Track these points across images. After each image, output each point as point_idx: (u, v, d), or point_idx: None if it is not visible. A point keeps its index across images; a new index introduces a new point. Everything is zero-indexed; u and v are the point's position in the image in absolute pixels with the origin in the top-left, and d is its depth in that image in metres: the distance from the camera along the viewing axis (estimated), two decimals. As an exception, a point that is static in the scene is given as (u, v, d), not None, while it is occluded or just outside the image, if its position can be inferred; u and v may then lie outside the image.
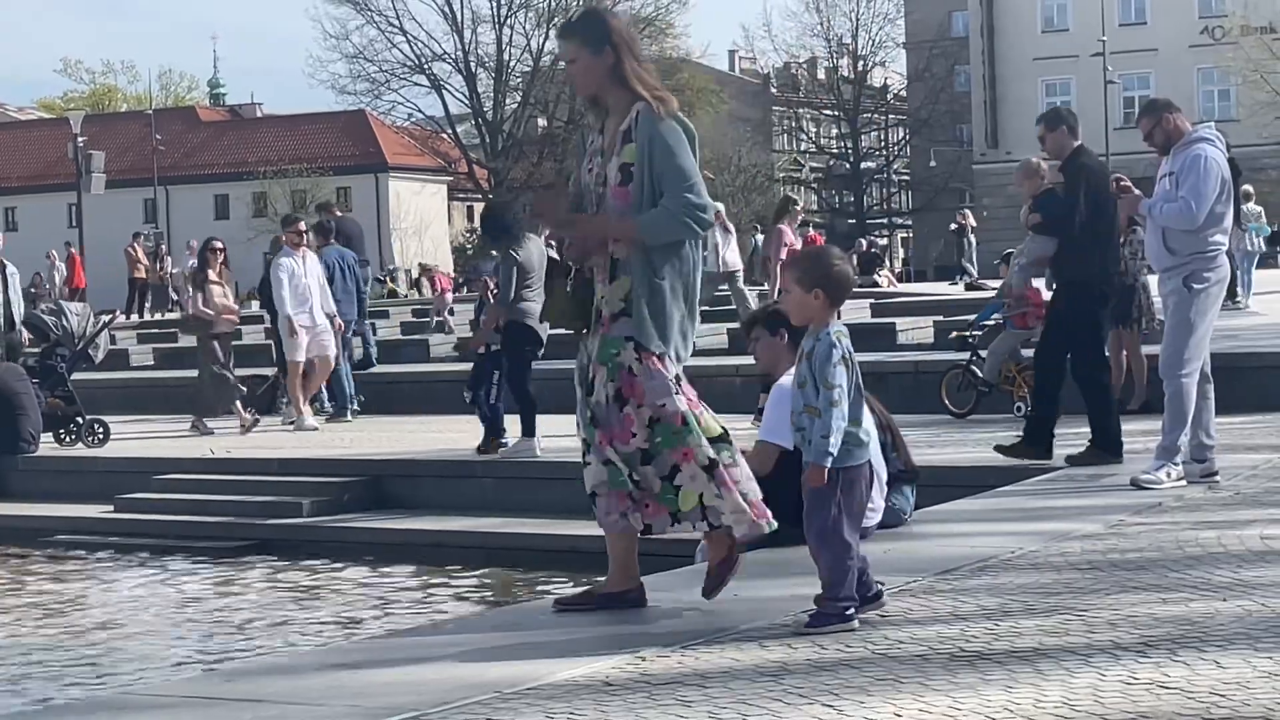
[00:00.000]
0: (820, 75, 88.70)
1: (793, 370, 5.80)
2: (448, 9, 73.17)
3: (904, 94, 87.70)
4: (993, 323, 14.96)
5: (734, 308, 29.38)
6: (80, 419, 16.94)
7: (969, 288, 31.99)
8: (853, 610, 5.59)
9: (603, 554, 6.22)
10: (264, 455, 15.18)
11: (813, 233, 32.37)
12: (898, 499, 8.10)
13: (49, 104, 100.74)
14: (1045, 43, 70.44)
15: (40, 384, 16.82)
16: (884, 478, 7.80)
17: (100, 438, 16.82)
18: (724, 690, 4.83)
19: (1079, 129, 10.79)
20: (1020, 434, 10.97)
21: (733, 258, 27.40)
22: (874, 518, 7.64)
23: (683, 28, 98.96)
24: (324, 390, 18.14)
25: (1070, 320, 10.60)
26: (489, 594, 11.05)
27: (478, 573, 11.64)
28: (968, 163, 75.36)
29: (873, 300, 25.65)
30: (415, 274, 54.49)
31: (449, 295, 33.25)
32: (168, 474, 14.80)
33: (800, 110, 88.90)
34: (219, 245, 18.20)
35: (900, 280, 50.80)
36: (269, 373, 18.77)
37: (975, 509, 9.02)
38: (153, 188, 71.05)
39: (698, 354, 24.44)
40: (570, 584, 9.58)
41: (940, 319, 19.79)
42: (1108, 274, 10.77)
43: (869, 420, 5.77)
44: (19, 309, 17.71)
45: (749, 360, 8.95)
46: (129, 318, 40.31)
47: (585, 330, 6.13)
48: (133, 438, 17.37)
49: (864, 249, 42.79)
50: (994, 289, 20.42)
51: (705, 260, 6.06)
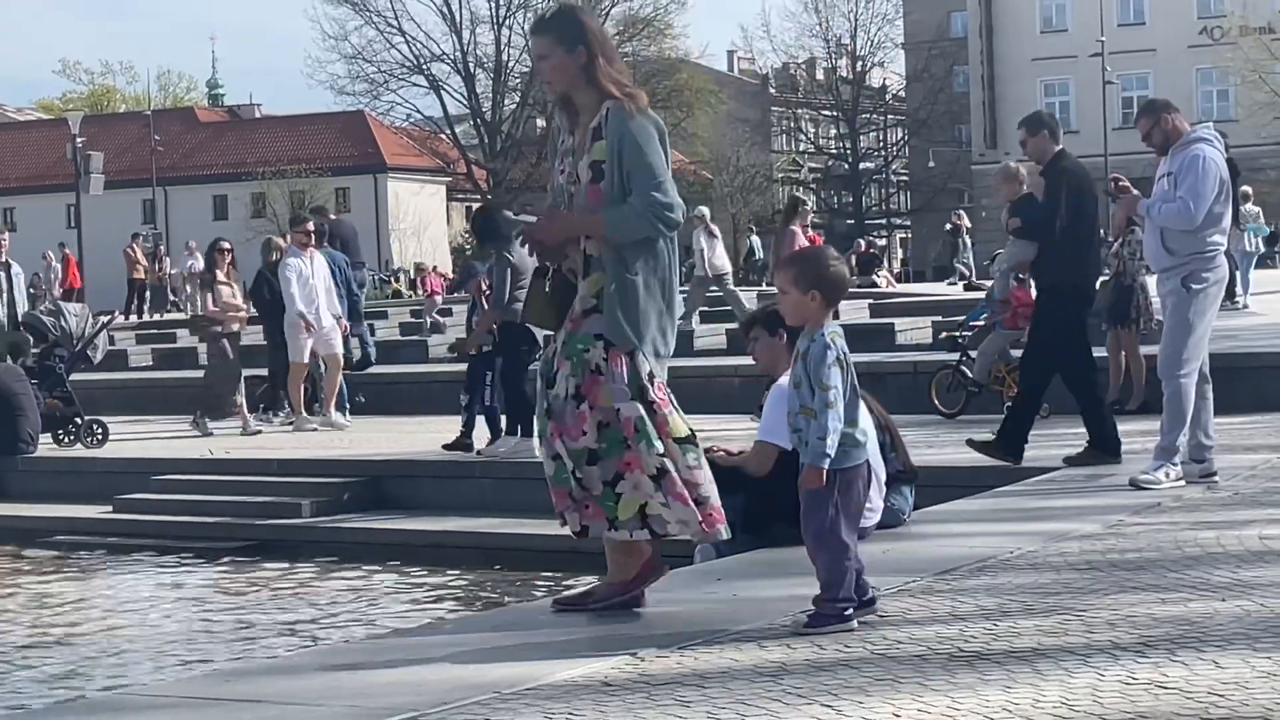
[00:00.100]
0: (819, 76, 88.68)
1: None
2: (446, 10, 73.21)
3: (903, 94, 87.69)
4: (981, 323, 14.97)
5: (730, 308, 29.41)
6: (79, 419, 16.94)
7: (967, 288, 31.97)
8: (851, 611, 5.59)
9: (602, 554, 6.22)
10: (263, 456, 15.18)
11: (811, 233, 32.36)
12: (896, 499, 8.10)
13: (47, 105, 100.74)
14: (1044, 43, 70.46)
15: (39, 385, 16.81)
16: (882, 478, 7.81)
17: (99, 438, 16.82)
18: (722, 690, 4.83)
19: (1060, 133, 10.80)
20: (994, 432, 10.91)
21: (720, 261, 27.41)
22: (873, 518, 7.65)
23: (681, 28, 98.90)
24: (344, 387, 18.15)
25: (1054, 325, 10.59)
26: (488, 594, 11.06)
27: (476, 573, 11.65)
28: (966, 163, 75.36)
29: (871, 301, 25.66)
30: (412, 274, 54.48)
31: (438, 297, 33.27)
32: (166, 474, 14.81)
33: (799, 111, 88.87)
34: (226, 245, 18.20)
35: (899, 281, 50.76)
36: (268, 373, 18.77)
37: (974, 509, 9.02)
38: (151, 188, 70.98)
39: (697, 354, 24.45)
40: (569, 584, 9.58)
41: (939, 319, 19.79)
42: (1090, 277, 10.77)
43: (866, 420, 5.77)
44: (24, 309, 17.72)
45: (748, 361, 8.94)
46: (127, 318, 40.31)
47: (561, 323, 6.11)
48: (131, 438, 17.36)
49: (862, 249, 42.74)
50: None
51: (697, 263, 6.04)
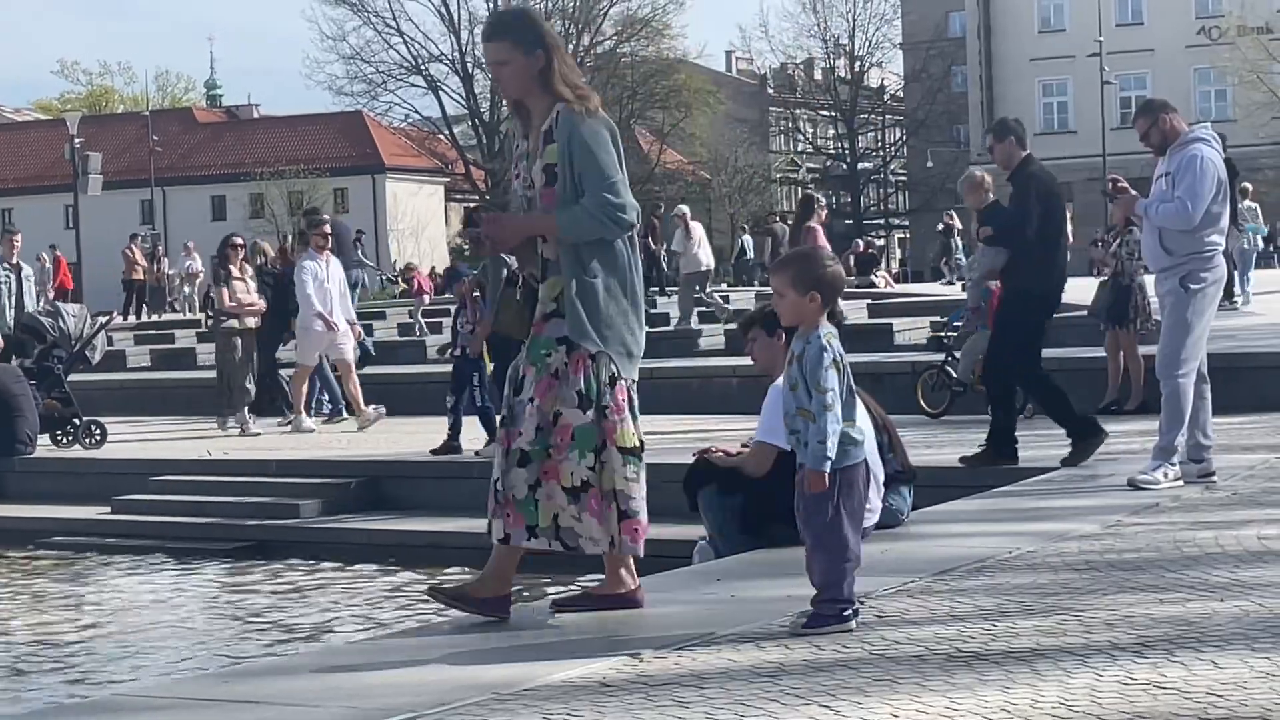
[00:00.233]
0: (817, 76, 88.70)
1: (788, 372, 5.79)
2: (444, 10, 73.20)
3: (901, 95, 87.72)
4: (962, 324, 15.02)
5: (727, 308, 29.39)
6: (77, 420, 16.93)
7: (965, 288, 32.00)
8: (849, 612, 5.59)
9: (600, 556, 6.21)
10: (261, 456, 15.18)
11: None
12: (895, 499, 8.10)
13: (46, 105, 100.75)
14: (1042, 43, 70.46)
15: (37, 385, 16.80)
16: (881, 478, 7.80)
17: (97, 439, 16.82)
18: (721, 691, 4.82)
19: (1026, 138, 10.84)
20: (983, 444, 10.91)
21: (704, 255, 27.37)
22: (871, 518, 7.64)
23: (679, 28, 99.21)
24: (332, 387, 18.12)
25: (1020, 329, 10.62)
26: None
27: (475, 574, 11.60)
28: (964, 163, 75.13)
29: (869, 301, 25.67)
30: (403, 274, 54.42)
31: (427, 296, 33.25)
32: (165, 475, 14.80)
33: (797, 111, 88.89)
34: (239, 241, 18.06)
35: (897, 281, 50.80)
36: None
37: (972, 509, 9.02)
38: (150, 189, 71.02)
39: (697, 355, 24.43)
40: (568, 585, 9.57)
41: (937, 319, 19.80)
42: (1058, 282, 10.81)
43: (864, 419, 5.77)
44: (32, 310, 17.75)
45: (746, 361, 8.94)
46: (126, 319, 40.32)
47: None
48: (130, 439, 17.36)
49: (861, 249, 42.76)
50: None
51: (676, 263, 6.00)
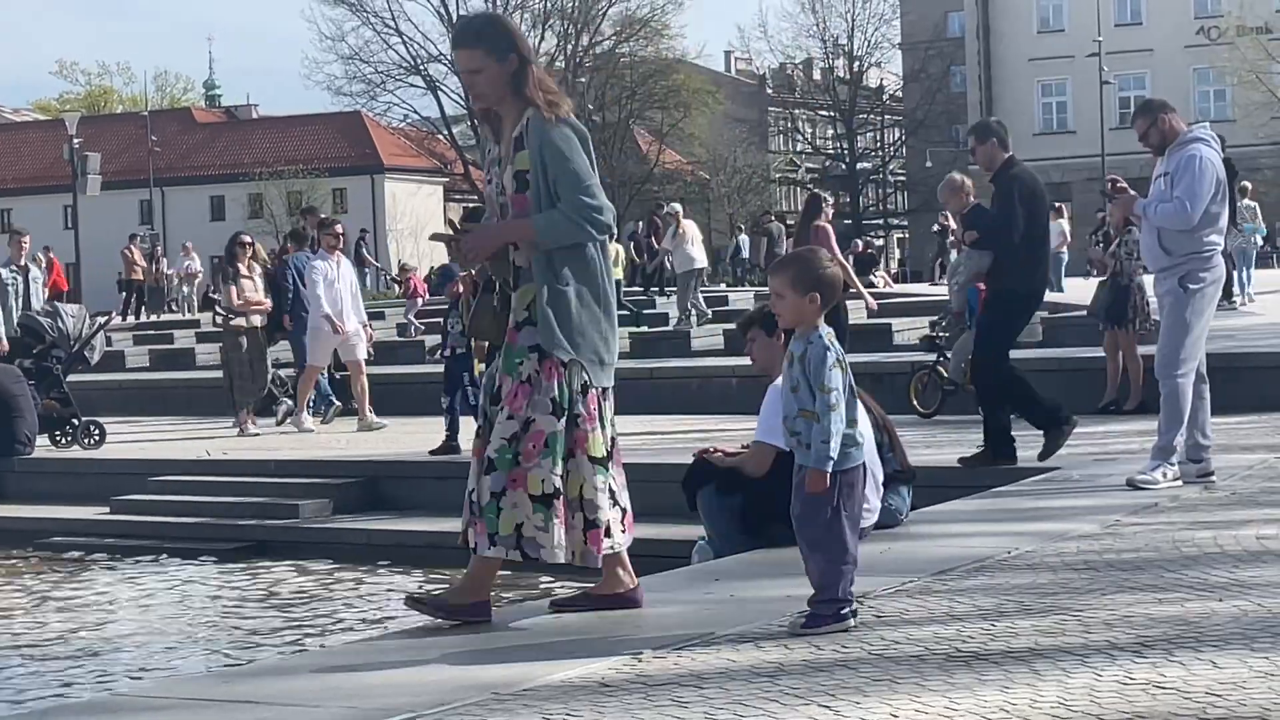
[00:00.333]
0: (816, 76, 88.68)
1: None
2: (443, 10, 73.13)
3: (900, 95, 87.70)
4: (943, 326, 15.11)
5: (726, 308, 29.44)
6: (76, 421, 16.93)
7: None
8: (847, 611, 5.59)
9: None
10: (260, 457, 15.19)
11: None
12: (894, 499, 8.10)
13: (44, 105, 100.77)
14: (1041, 43, 70.48)
15: (36, 386, 16.80)
16: (880, 478, 7.81)
17: (96, 439, 16.82)
18: (720, 691, 4.82)
19: (1008, 140, 10.87)
20: (981, 445, 10.91)
21: (697, 253, 27.33)
22: (870, 518, 7.66)
23: (678, 28, 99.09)
24: (326, 387, 18.09)
25: (1002, 328, 10.64)
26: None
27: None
28: (963, 163, 74.64)
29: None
30: (398, 274, 54.46)
31: (420, 299, 33.27)
32: (164, 475, 14.80)
33: (796, 111, 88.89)
34: (247, 239, 17.97)
35: (896, 281, 50.83)
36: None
37: (971, 509, 9.02)
38: (148, 189, 71.02)
39: (696, 355, 24.37)
40: (566, 586, 9.57)
41: (936, 319, 19.80)
42: (1041, 284, 10.84)
43: (864, 420, 5.77)
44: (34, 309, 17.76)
45: (745, 361, 8.94)
46: (124, 319, 40.35)
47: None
48: (129, 439, 17.36)
49: (860, 250, 42.78)
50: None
51: (668, 262, 5.96)
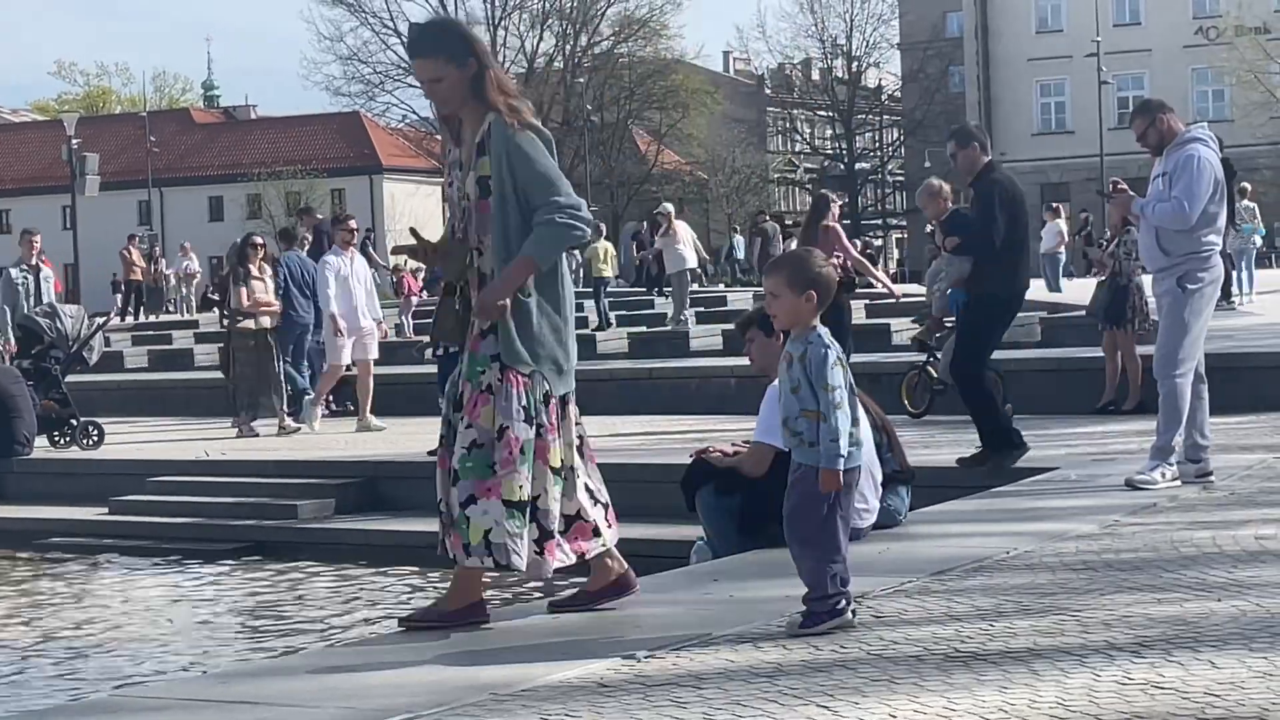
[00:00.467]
0: (814, 76, 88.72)
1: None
2: (441, 11, 73.15)
3: (898, 95, 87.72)
4: (923, 331, 15.17)
5: (725, 308, 29.45)
6: (74, 421, 16.93)
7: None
8: (843, 604, 5.58)
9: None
10: (259, 457, 15.18)
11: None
12: (893, 499, 8.10)
13: (43, 106, 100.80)
14: (1040, 43, 70.49)
15: (35, 386, 16.79)
16: (879, 478, 7.82)
17: (94, 440, 16.81)
18: (719, 691, 4.82)
19: (989, 144, 10.91)
20: (979, 446, 10.90)
21: (689, 253, 27.29)
22: (869, 518, 7.67)
23: (677, 29, 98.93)
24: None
25: (982, 332, 10.64)
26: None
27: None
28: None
29: (867, 301, 25.66)
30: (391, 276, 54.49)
31: (414, 299, 33.26)
32: (162, 476, 14.79)
33: (794, 111, 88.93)
34: (259, 241, 17.78)
35: (895, 281, 50.72)
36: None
37: (970, 509, 9.02)
38: (147, 190, 71.03)
39: (695, 355, 24.32)
40: (565, 586, 9.57)
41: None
42: (1021, 288, 10.85)
43: (863, 420, 5.77)
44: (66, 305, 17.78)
45: (744, 361, 8.94)
46: (123, 320, 40.37)
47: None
48: (127, 440, 17.35)
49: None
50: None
51: (639, 266, 5.94)
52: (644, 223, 44.08)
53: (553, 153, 5.97)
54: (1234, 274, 24.16)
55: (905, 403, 14.91)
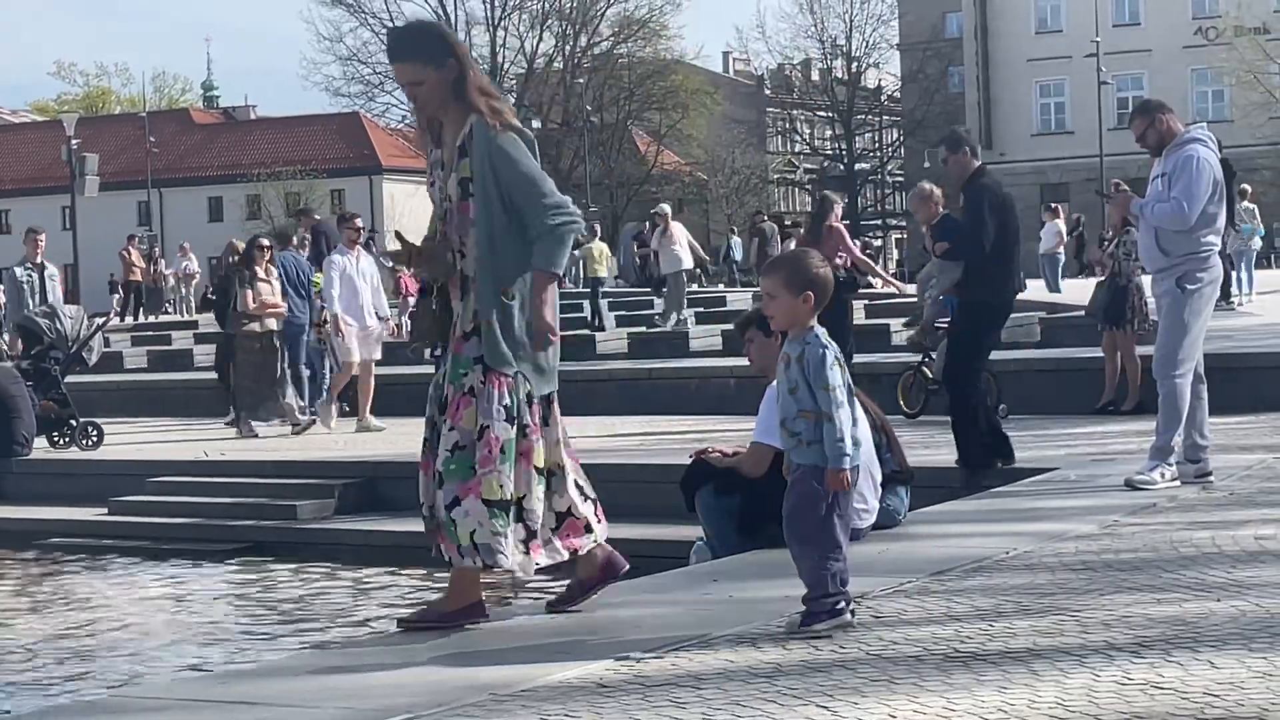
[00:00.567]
0: (814, 77, 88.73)
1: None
2: (441, 11, 73.20)
3: (898, 95, 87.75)
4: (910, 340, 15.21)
5: (725, 309, 29.41)
6: (74, 422, 16.92)
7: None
8: (843, 604, 5.58)
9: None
10: (258, 458, 15.18)
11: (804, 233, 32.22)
12: (892, 500, 8.10)
13: (42, 106, 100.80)
14: (1039, 44, 70.50)
15: (34, 387, 16.79)
16: (878, 478, 7.81)
17: (94, 440, 16.81)
18: (718, 691, 4.83)
19: (979, 149, 10.94)
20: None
21: (684, 255, 27.23)
22: (868, 519, 7.66)
23: (676, 29, 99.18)
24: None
25: (974, 339, 10.64)
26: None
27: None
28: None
29: (866, 301, 25.65)
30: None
31: (412, 299, 33.26)
32: (162, 476, 14.79)
33: (794, 112, 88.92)
34: (265, 242, 17.76)
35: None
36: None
37: (969, 510, 9.02)
38: (146, 190, 71.01)
39: (694, 355, 24.26)
40: (564, 587, 9.56)
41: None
42: (1011, 294, 10.85)
43: (862, 420, 5.77)
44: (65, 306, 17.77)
45: (743, 362, 8.94)
46: (122, 320, 40.36)
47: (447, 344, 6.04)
48: (127, 440, 17.35)
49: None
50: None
51: (642, 266, 5.96)
52: (645, 223, 44.09)
53: (535, 153, 5.98)
54: (1233, 274, 24.16)
55: (901, 403, 14.93)
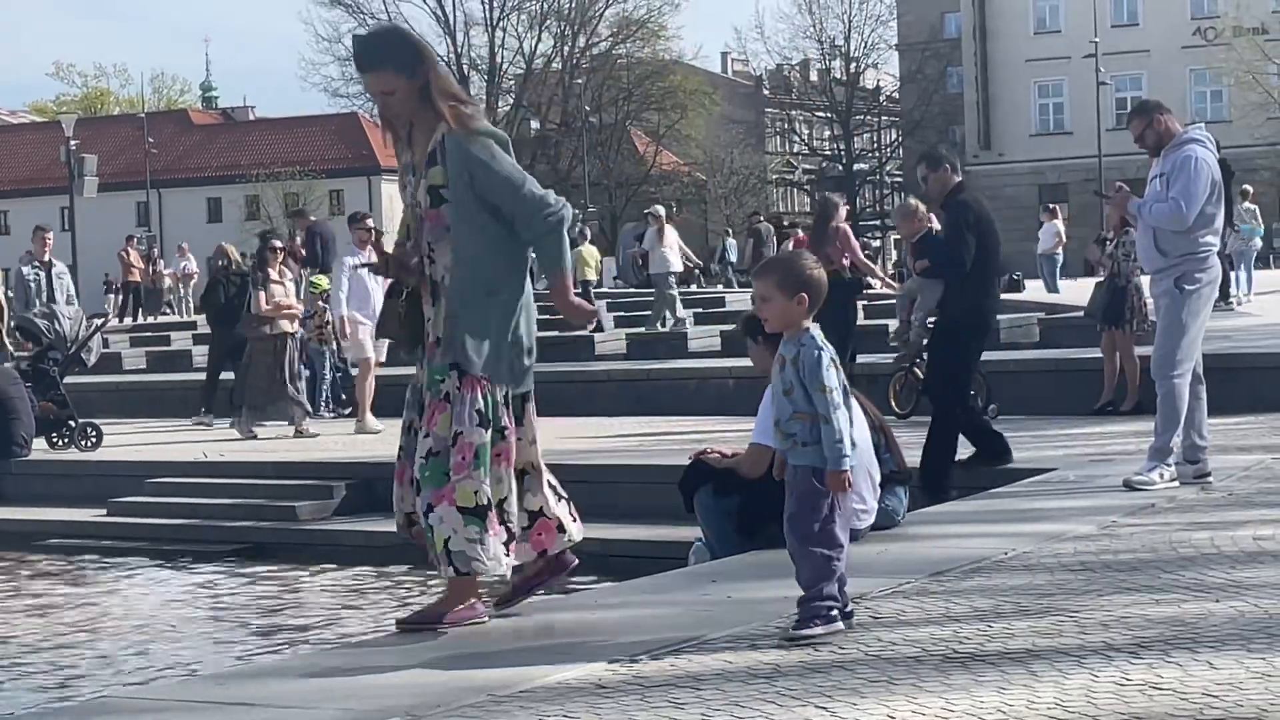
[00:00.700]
0: (813, 77, 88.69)
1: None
2: (440, 12, 73.32)
3: (896, 96, 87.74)
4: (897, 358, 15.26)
5: (724, 309, 29.39)
6: (73, 422, 16.92)
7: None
8: (836, 612, 5.57)
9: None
10: (258, 458, 15.17)
11: (801, 234, 32.17)
12: (891, 500, 8.10)
13: (41, 107, 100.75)
14: (1037, 44, 70.50)
15: (33, 387, 16.78)
16: (877, 479, 7.81)
17: (93, 441, 16.80)
18: (717, 692, 4.83)
19: (959, 165, 10.94)
20: (974, 450, 10.88)
21: (673, 257, 27.19)
22: (867, 519, 7.66)
23: (675, 30, 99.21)
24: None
25: (955, 353, 10.63)
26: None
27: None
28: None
29: (865, 302, 25.65)
30: None
31: None
32: (161, 477, 14.79)
33: (793, 112, 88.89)
34: (278, 244, 17.71)
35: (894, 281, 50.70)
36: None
37: (968, 510, 9.02)
38: (145, 191, 70.98)
39: (693, 356, 24.28)
40: (570, 585, 9.57)
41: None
42: (992, 310, 10.84)
43: (859, 421, 5.77)
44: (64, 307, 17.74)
45: (742, 362, 8.95)
46: (121, 320, 40.36)
47: (420, 349, 6.01)
48: (126, 441, 17.34)
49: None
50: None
51: (641, 266, 5.99)
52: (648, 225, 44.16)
53: (509, 150, 5.95)
54: (1232, 275, 24.16)
55: (892, 403, 14.91)
